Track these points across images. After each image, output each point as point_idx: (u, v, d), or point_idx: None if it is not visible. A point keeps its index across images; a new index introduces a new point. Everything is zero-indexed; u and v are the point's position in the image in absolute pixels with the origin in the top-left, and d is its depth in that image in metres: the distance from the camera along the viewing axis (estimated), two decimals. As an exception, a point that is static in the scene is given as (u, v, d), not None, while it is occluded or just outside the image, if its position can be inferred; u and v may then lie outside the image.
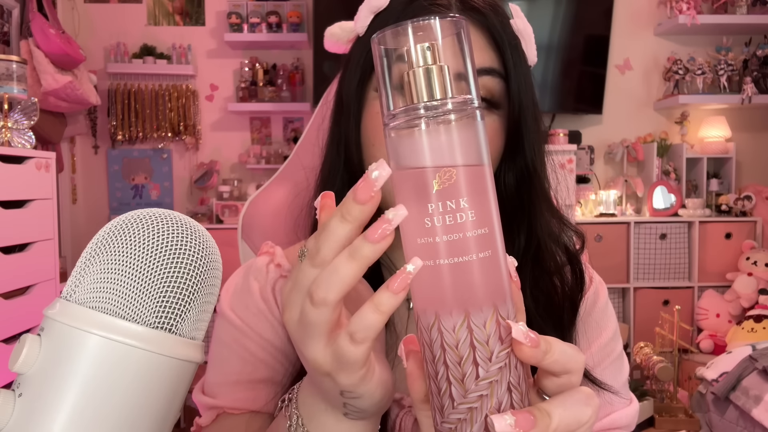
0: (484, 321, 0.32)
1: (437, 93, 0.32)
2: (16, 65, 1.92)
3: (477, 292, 0.32)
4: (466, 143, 0.32)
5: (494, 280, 0.33)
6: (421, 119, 0.32)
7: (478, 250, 0.32)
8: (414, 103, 0.33)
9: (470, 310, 0.32)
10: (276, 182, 0.94)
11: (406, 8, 0.58)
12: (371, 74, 0.59)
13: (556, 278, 0.62)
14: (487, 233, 0.32)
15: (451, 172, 0.32)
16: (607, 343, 0.67)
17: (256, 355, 0.63)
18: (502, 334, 0.33)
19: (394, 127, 0.33)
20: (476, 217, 0.32)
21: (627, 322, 3.03)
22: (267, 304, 0.65)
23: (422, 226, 0.32)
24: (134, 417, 0.39)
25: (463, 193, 0.32)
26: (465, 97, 0.33)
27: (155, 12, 3.27)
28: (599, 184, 3.27)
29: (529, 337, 0.33)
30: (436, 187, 0.32)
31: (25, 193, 1.83)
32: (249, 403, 0.62)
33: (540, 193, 0.61)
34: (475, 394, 0.32)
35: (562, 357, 0.34)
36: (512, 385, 0.33)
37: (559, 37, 3.12)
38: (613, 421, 0.64)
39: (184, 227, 0.42)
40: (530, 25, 0.61)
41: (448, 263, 0.32)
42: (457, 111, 0.32)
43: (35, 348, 0.39)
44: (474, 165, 0.32)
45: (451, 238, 0.32)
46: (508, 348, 0.33)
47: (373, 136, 0.58)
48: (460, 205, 0.32)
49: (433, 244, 0.32)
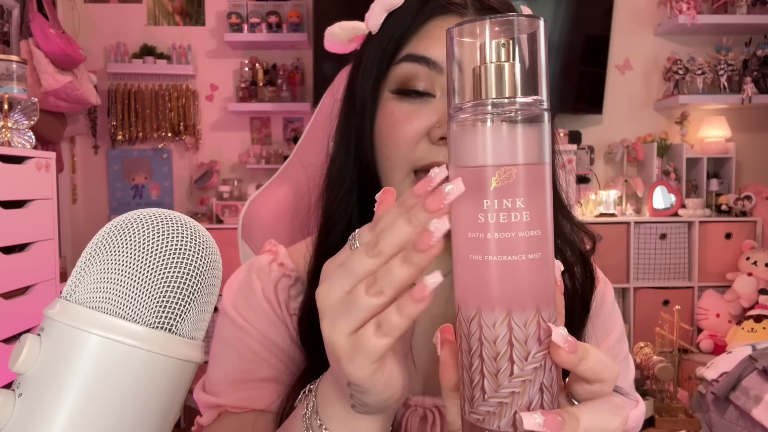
0: (525, 321, 0.32)
1: (507, 91, 0.32)
2: (16, 65, 1.92)
3: (522, 292, 0.32)
4: (530, 144, 0.32)
5: (541, 282, 0.33)
6: (488, 115, 0.32)
7: (528, 251, 0.32)
8: (482, 98, 0.33)
9: (513, 309, 0.32)
10: (276, 182, 0.94)
11: (423, 7, 0.57)
12: (386, 73, 0.59)
13: (569, 279, 0.62)
14: (539, 235, 0.32)
15: (511, 171, 0.32)
16: (614, 345, 0.67)
17: (258, 353, 0.63)
18: (542, 335, 0.33)
19: (460, 121, 0.33)
20: (530, 219, 0.32)
21: (627, 322, 3.03)
22: (269, 303, 0.65)
23: (475, 220, 0.32)
24: (134, 417, 0.39)
25: (520, 194, 0.32)
26: (534, 97, 0.33)
27: (155, 12, 3.27)
28: (599, 184, 3.27)
29: (568, 341, 0.33)
30: (494, 184, 0.32)
31: (25, 193, 1.83)
32: (252, 402, 0.62)
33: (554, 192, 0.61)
34: (507, 390, 0.33)
35: (598, 365, 0.34)
36: (545, 386, 0.33)
37: (559, 37, 3.12)
38: None
39: (184, 227, 0.42)
40: None
41: (496, 260, 0.32)
42: (524, 110, 0.32)
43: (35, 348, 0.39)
44: (535, 166, 0.32)
45: (503, 236, 0.32)
46: (545, 350, 0.33)
47: (387, 136, 0.58)
48: (516, 205, 0.32)
49: (484, 240, 0.32)
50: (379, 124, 0.59)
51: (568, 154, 3.03)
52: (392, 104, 0.58)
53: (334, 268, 0.38)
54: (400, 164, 0.57)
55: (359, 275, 0.36)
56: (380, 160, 0.59)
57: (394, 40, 0.58)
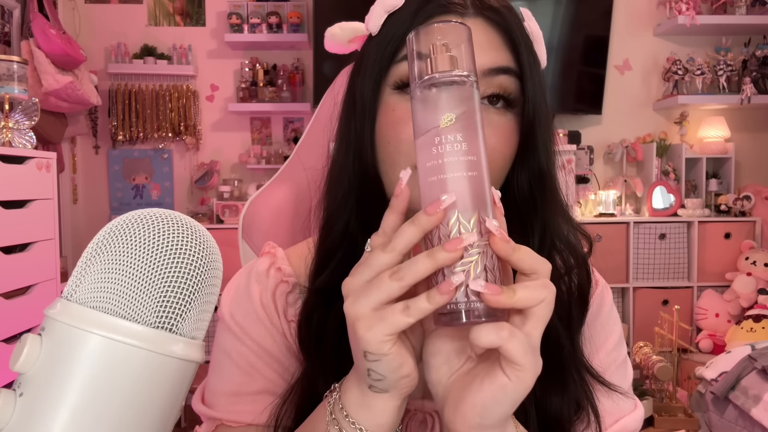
0: (469, 219, 0.43)
1: (447, 67, 0.46)
2: (17, 65, 1.92)
3: (465, 198, 0.44)
4: (462, 99, 0.46)
5: (479, 192, 0.44)
6: (437, 82, 0.46)
7: (468, 169, 0.44)
8: (432, 73, 0.46)
9: (460, 211, 0.43)
10: (276, 182, 0.94)
11: (423, 8, 0.57)
12: (388, 72, 0.59)
13: (567, 280, 0.62)
14: (475, 160, 0.44)
15: (451, 116, 0.45)
16: (613, 348, 0.67)
17: (254, 365, 0.63)
18: (483, 230, 0.44)
19: (420, 88, 0.47)
20: (467, 147, 0.44)
21: (626, 322, 3.03)
22: (266, 311, 0.65)
23: (431, 152, 0.45)
24: (135, 416, 0.40)
25: (459, 130, 0.45)
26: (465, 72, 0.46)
27: (156, 12, 3.27)
28: (599, 184, 3.27)
29: (500, 231, 0.43)
30: (442, 125, 0.45)
31: (25, 193, 1.83)
32: (247, 416, 0.62)
33: (553, 194, 0.61)
34: (460, 269, 0.42)
35: (529, 257, 0.43)
36: (488, 268, 0.43)
37: (558, 37, 3.12)
38: (623, 427, 0.64)
39: (184, 227, 0.43)
40: (540, 30, 0.61)
41: (446, 177, 0.44)
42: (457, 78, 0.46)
43: (36, 348, 0.39)
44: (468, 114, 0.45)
45: (450, 159, 0.44)
46: (486, 241, 0.43)
47: (389, 135, 0.58)
48: (456, 138, 0.44)
49: (438, 165, 0.44)
50: (380, 123, 0.59)
51: (568, 154, 3.03)
52: (393, 102, 0.58)
53: (358, 266, 0.46)
54: (401, 161, 0.57)
55: (377, 268, 0.43)
56: (381, 158, 0.59)
57: (395, 39, 0.58)
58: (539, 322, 0.43)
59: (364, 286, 0.43)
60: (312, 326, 0.61)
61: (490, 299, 0.41)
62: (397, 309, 0.42)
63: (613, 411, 0.64)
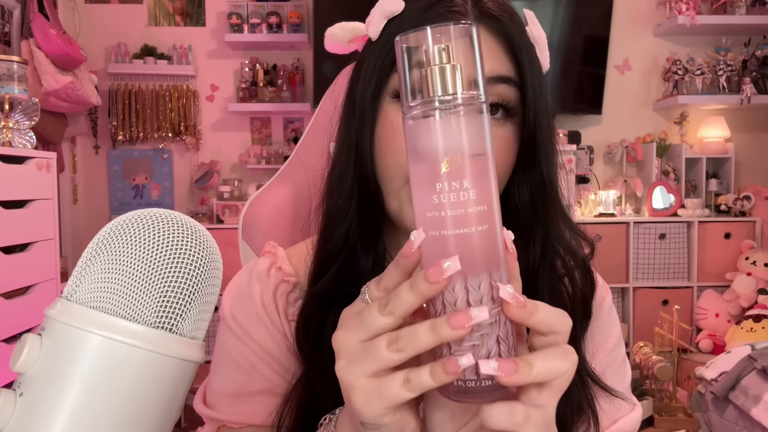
0: (479, 283, 0.37)
1: (449, 88, 0.37)
2: (17, 65, 1.92)
3: (474, 258, 0.37)
4: (472, 133, 0.38)
5: (490, 249, 0.38)
6: (435, 110, 0.38)
7: (477, 223, 0.37)
8: (430, 96, 0.38)
9: (468, 273, 0.37)
10: (276, 182, 0.94)
11: (423, 14, 0.57)
12: (387, 80, 0.58)
13: (569, 286, 0.62)
14: (485, 210, 0.37)
15: (457, 157, 0.37)
16: (612, 349, 0.67)
17: (254, 365, 0.63)
18: (495, 295, 0.38)
19: (412, 116, 0.38)
20: (477, 196, 0.37)
21: (626, 322, 3.03)
22: (267, 311, 0.65)
23: (431, 201, 0.38)
24: (135, 416, 0.40)
25: (466, 175, 0.37)
26: (472, 93, 0.38)
27: (156, 12, 3.27)
28: (599, 184, 3.27)
29: (516, 298, 0.37)
30: (444, 169, 0.37)
31: (25, 193, 1.83)
32: (248, 417, 0.62)
33: (554, 202, 0.61)
34: (468, 344, 0.37)
35: (548, 318, 0.38)
36: (500, 338, 0.38)
37: (558, 37, 3.12)
38: (621, 428, 0.64)
39: (184, 227, 0.43)
40: (544, 32, 0.60)
41: (451, 234, 0.37)
42: (465, 105, 0.38)
43: (36, 348, 0.39)
44: (478, 152, 0.38)
45: (455, 213, 0.37)
46: (498, 307, 0.38)
47: (387, 146, 0.57)
48: (464, 185, 0.37)
49: (439, 217, 0.37)
50: (378, 133, 0.58)
51: (568, 154, 3.03)
52: (392, 112, 0.57)
53: (351, 315, 0.41)
54: (399, 173, 0.56)
55: (374, 329, 0.39)
56: (379, 169, 0.59)
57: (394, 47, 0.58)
58: (557, 393, 0.39)
59: (359, 349, 0.39)
60: (310, 330, 0.61)
61: (505, 380, 0.37)
62: (396, 382, 0.38)
63: (610, 412, 0.64)
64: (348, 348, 0.40)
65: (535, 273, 0.59)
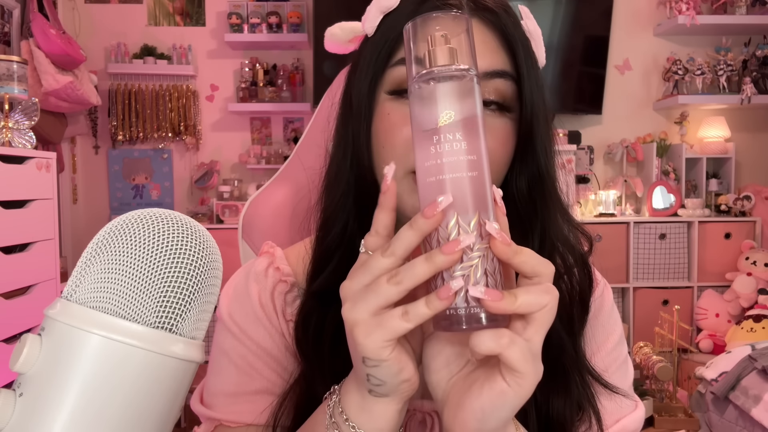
0: (469, 221, 0.42)
1: (447, 61, 0.44)
2: (17, 65, 1.92)
3: (466, 200, 0.42)
4: (462, 95, 0.44)
5: (480, 193, 0.43)
6: (435, 77, 0.44)
7: (468, 169, 0.42)
8: (430, 67, 0.44)
9: (460, 212, 0.42)
10: (276, 182, 0.94)
11: (418, 8, 0.57)
12: (383, 75, 0.58)
13: (568, 280, 0.62)
14: (475, 159, 0.43)
15: (450, 114, 0.43)
16: (614, 348, 0.67)
17: (253, 365, 0.63)
18: (483, 233, 0.42)
19: (416, 84, 0.45)
20: (467, 147, 0.42)
21: (627, 322, 3.04)
22: (264, 310, 0.65)
23: (429, 152, 0.43)
24: (135, 416, 0.40)
25: (459, 128, 0.43)
26: (466, 67, 0.44)
27: (156, 12, 3.27)
28: (599, 184, 3.27)
29: (501, 234, 0.41)
30: (440, 122, 0.43)
31: (25, 193, 1.83)
32: (246, 416, 0.62)
33: (553, 195, 0.61)
34: (459, 273, 0.41)
35: (531, 259, 0.42)
36: (488, 272, 0.42)
37: (558, 37, 3.12)
38: (624, 428, 0.64)
39: (184, 227, 0.43)
40: (539, 27, 0.60)
41: (446, 178, 0.42)
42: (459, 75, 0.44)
43: (36, 348, 0.39)
44: (469, 113, 0.43)
45: (449, 160, 0.42)
46: (486, 244, 0.42)
47: (384, 138, 0.58)
48: (456, 137, 0.42)
49: (437, 165, 0.43)
50: (375, 127, 0.59)
51: (568, 154, 3.03)
52: (388, 106, 0.58)
53: (356, 268, 0.45)
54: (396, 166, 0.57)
55: (376, 272, 0.42)
56: (377, 162, 0.59)
57: (390, 42, 0.58)
58: (541, 327, 0.42)
59: (363, 290, 0.42)
60: (309, 329, 0.61)
61: (491, 305, 0.40)
62: (396, 314, 0.41)
63: (613, 411, 0.64)
64: (353, 291, 0.43)
65: None
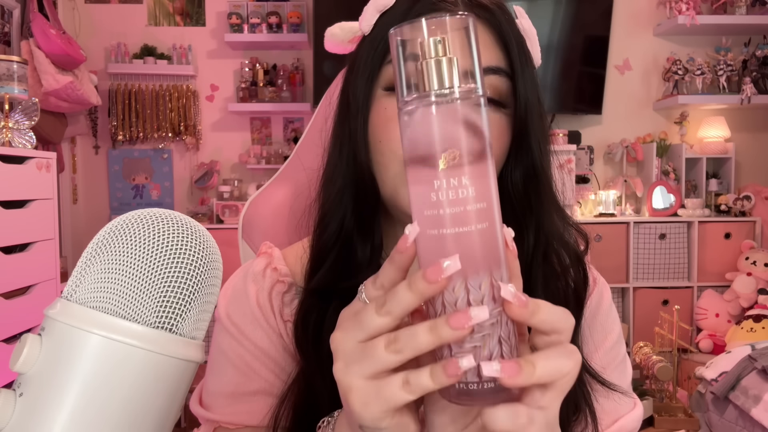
0: (479, 283, 0.36)
1: (446, 82, 0.36)
2: (17, 65, 1.92)
3: (475, 257, 0.36)
4: (470, 128, 0.36)
5: (490, 248, 0.36)
6: (432, 105, 0.36)
7: (476, 221, 0.36)
8: (426, 90, 0.36)
9: (468, 273, 0.36)
10: (276, 182, 0.94)
11: (413, 6, 0.57)
12: (379, 72, 0.59)
13: (563, 277, 0.62)
14: (485, 207, 0.36)
15: (455, 153, 0.35)
16: (612, 347, 0.67)
17: (251, 365, 0.63)
18: (496, 294, 0.36)
19: (408, 112, 0.37)
20: (476, 194, 0.36)
21: (626, 322, 3.03)
22: (262, 311, 0.65)
23: (429, 199, 0.36)
24: (135, 416, 0.40)
25: (465, 172, 0.35)
26: (470, 86, 0.36)
27: (156, 12, 3.27)
28: (599, 184, 3.27)
29: (517, 297, 0.36)
30: (442, 165, 0.35)
31: (25, 193, 1.83)
32: (244, 418, 0.62)
33: (547, 192, 0.61)
34: (470, 345, 0.36)
35: (550, 317, 0.37)
36: (502, 338, 0.37)
37: (558, 37, 3.12)
38: (621, 427, 0.64)
39: (184, 227, 0.43)
40: (534, 27, 0.61)
41: (450, 232, 0.36)
42: (463, 99, 0.36)
43: (36, 348, 0.39)
44: (477, 148, 0.36)
45: (454, 210, 0.36)
46: (499, 307, 0.36)
47: (381, 133, 0.58)
48: (462, 182, 0.35)
49: (439, 216, 0.36)
50: (372, 122, 0.59)
51: (568, 154, 3.03)
52: (385, 101, 0.58)
53: (348, 316, 0.40)
54: (393, 160, 0.57)
55: (372, 330, 0.38)
56: (374, 157, 0.59)
57: (385, 39, 0.58)
58: (561, 394, 0.38)
59: (357, 350, 0.38)
60: (309, 327, 0.61)
61: (507, 381, 0.35)
62: (396, 383, 0.37)
63: (611, 411, 0.64)
64: (346, 349, 0.39)
65: (528, 264, 0.59)
